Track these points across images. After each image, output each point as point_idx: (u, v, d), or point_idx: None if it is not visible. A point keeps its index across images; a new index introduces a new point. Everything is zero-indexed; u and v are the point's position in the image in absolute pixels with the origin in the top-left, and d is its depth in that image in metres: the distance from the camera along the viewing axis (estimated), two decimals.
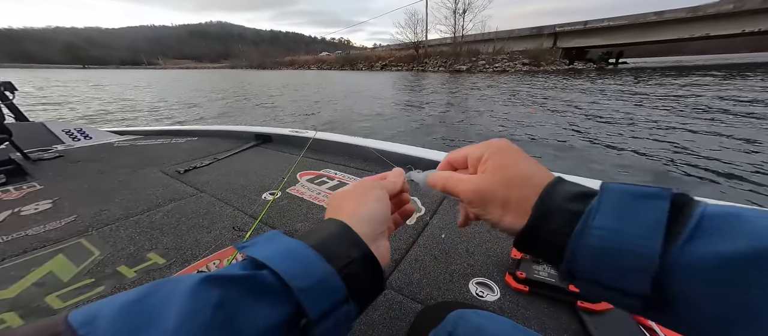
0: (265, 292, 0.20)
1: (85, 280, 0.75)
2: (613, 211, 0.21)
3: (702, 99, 8.46)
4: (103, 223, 1.02)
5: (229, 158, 1.75)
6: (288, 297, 0.20)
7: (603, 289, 0.22)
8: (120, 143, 2.14)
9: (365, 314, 0.64)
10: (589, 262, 0.21)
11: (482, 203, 0.28)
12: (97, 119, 8.21)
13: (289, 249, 0.23)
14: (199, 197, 1.22)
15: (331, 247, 0.24)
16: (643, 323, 0.58)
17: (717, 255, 0.17)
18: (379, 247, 0.28)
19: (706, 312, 0.18)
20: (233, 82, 23.46)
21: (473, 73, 31.29)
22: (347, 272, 0.23)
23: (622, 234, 0.20)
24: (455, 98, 10.59)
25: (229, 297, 0.19)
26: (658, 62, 69.18)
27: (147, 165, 1.63)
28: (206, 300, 0.18)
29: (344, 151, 1.74)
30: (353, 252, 0.25)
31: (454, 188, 0.31)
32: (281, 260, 0.21)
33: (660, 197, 0.20)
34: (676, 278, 0.18)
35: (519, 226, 0.25)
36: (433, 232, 0.95)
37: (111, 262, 0.81)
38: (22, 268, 0.79)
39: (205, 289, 0.18)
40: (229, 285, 0.19)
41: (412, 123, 6.74)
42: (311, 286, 0.21)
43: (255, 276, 0.20)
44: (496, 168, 0.28)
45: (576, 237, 0.22)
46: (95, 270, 0.78)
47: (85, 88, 17.56)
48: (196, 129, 2.42)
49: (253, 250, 0.23)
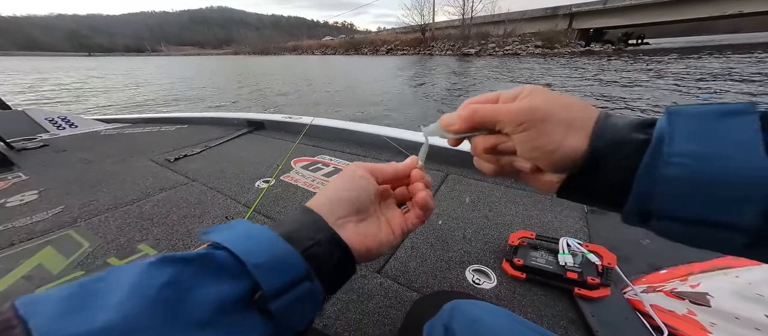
0: (219, 269, 0.20)
1: (75, 273, 0.74)
2: (691, 135, 0.18)
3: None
4: (91, 214, 1.01)
5: (221, 146, 1.72)
6: (244, 274, 0.20)
7: (694, 227, 0.18)
8: (107, 131, 2.11)
9: (360, 303, 0.63)
10: (672, 198, 0.18)
11: (539, 122, 0.23)
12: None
13: (249, 232, 0.23)
14: (190, 186, 1.20)
15: (295, 231, 0.24)
16: (639, 309, 0.58)
17: None
18: (348, 230, 0.27)
19: None
20: (256, 69, 22.16)
21: (482, 56, 30.45)
22: (311, 253, 0.23)
23: (713, 159, 0.17)
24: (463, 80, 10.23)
25: (182, 275, 0.18)
26: (686, 42, 60.66)
27: (135, 153, 1.61)
28: (155, 278, 0.18)
29: (340, 137, 1.70)
30: (318, 235, 0.24)
31: (494, 114, 0.25)
32: (239, 241, 0.21)
33: (744, 113, 0.18)
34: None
35: (584, 149, 0.22)
36: (430, 219, 0.92)
37: (101, 254, 0.80)
38: (10, 260, 0.78)
39: (157, 267, 0.18)
40: (183, 264, 0.19)
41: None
42: (265, 261, 0.20)
43: (209, 254, 0.20)
44: (546, 95, 0.24)
45: (647, 168, 0.19)
46: (85, 262, 0.77)
47: (120, 77, 17.10)
48: (185, 116, 2.38)
49: (214, 235, 0.22)
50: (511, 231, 0.79)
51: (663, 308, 0.57)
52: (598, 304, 0.59)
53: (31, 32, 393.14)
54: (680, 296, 0.56)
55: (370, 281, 0.68)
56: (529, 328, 0.35)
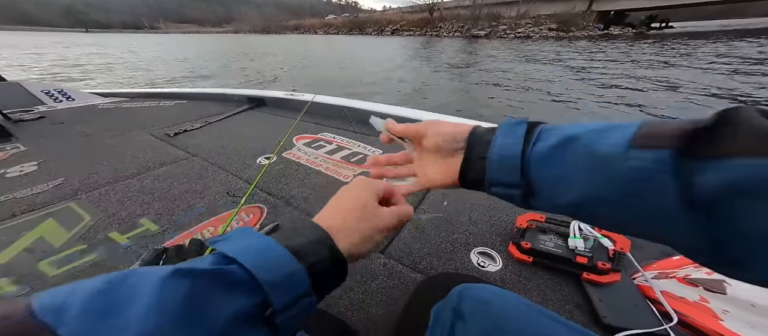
0: (233, 284, 0.21)
1: (77, 246, 0.73)
2: (503, 134, 0.30)
3: None
4: (91, 187, 1.00)
5: (222, 122, 1.70)
6: (255, 289, 0.21)
7: (501, 187, 0.30)
8: (104, 105, 2.09)
9: (364, 283, 0.63)
10: (494, 170, 0.30)
11: (436, 124, 0.36)
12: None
13: (260, 246, 0.24)
14: (191, 161, 1.19)
15: (303, 246, 0.25)
16: (649, 295, 0.57)
17: (545, 147, 0.27)
18: (346, 244, 0.29)
19: (548, 184, 0.27)
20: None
21: (491, 39, 29.46)
22: (315, 270, 0.25)
23: (505, 146, 0.29)
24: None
25: (199, 289, 0.19)
26: (718, 26, 55.15)
27: (134, 128, 1.59)
28: (175, 291, 0.19)
29: (342, 114, 1.68)
30: (323, 251, 0.26)
31: (415, 126, 0.38)
32: (250, 256, 0.22)
33: (522, 122, 0.30)
34: (531, 168, 0.28)
35: (466, 134, 0.34)
36: (435, 199, 0.91)
37: (102, 228, 0.79)
38: (12, 232, 0.77)
39: (176, 280, 0.19)
40: (199, 277, 0.20)
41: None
42: (276, 279, 0.22)
43: (224, 271, 0.21)
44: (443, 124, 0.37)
45: (489, 155, 0.31)
46: (87, 235, 0.77)
47: (151, 51, 16.44)
48: (184, 91, 2.35)
49: (224, 245, 0.23)
50: (519, 213, 0.78)
51: (674, 295, 0.56)
52: (606, 289, 0.58)
53: (25, 7, 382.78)
54: (694, 283, 0.55)
55: (373, 261, 0.67)
56: (538, 311, 0.36)
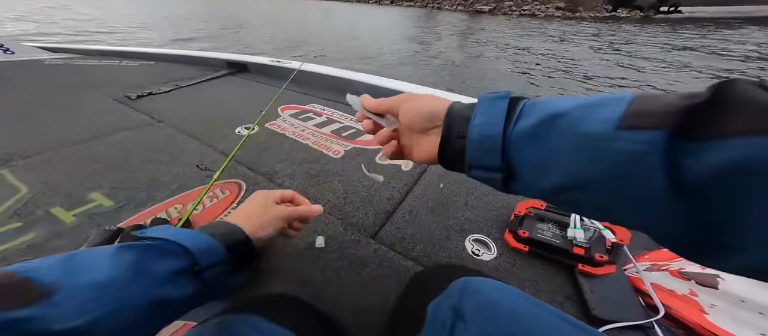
0: (170, 253, 0.29)
1: (11, 224, 0.61)
2: (482, 111, 0.28)
3: None
4: (31, 153, 0.85)
5: (196, 86, 1.53)
6: (187, 255, 0.30)
7: (481, 170, 0.28)
8: (52, 61, 1.83)
9: (353, 270, 0.59)
10: (474, 150, 0.28)
11: (412, 98, 0.35)
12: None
13: (187, 232, 0.33)
14: (156, 128, 1.05)
15: (219, 231, 0.36)
16: (639, 287, 0.57)
17: (527, 125, 0.25)
18: (260, 232, 0.42)
19: (528, 166, 0.26)
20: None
21: (496, 15, 28.60)
22: (227, 243, 0.35)
23: (485, 125, 0.27)
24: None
25: (143, 256, 0.27)
26: (729, 12, 48.43)
27: (88, 88, 1.40)
28: (125, 258, 0.26)
29: (331, 85, 1.56)
30: (236, 235, 0.38)
31: (389, 101, 0.37)
32: (183, 236, 0.31)
33: (504, 98, 0.28)
34: (513, 150, 0.26)
35: (443, 111, 0.32)
36: (430, 181, 0.87)
37: (43, 203, 0.67)
38: None
39: (122, 252, 0.27)
40: (141, 249, 0.28)
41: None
42: (203, 249, 0.32)
43: (161, 244, 0.30)
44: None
45: (468, 134, 0.29)
46: (23, 210, 0.65)
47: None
48: (151, 52, 2.06)
49: (154, 232, 0.31)
50: (519, 199, 0.75)
51: (663, 287, 0.56)
52: (599, 281, 0.58)
53: None
54: (686, 276, 0.56)
55: (363, 247, 0.63)
56: (548, 311, 0.33)
